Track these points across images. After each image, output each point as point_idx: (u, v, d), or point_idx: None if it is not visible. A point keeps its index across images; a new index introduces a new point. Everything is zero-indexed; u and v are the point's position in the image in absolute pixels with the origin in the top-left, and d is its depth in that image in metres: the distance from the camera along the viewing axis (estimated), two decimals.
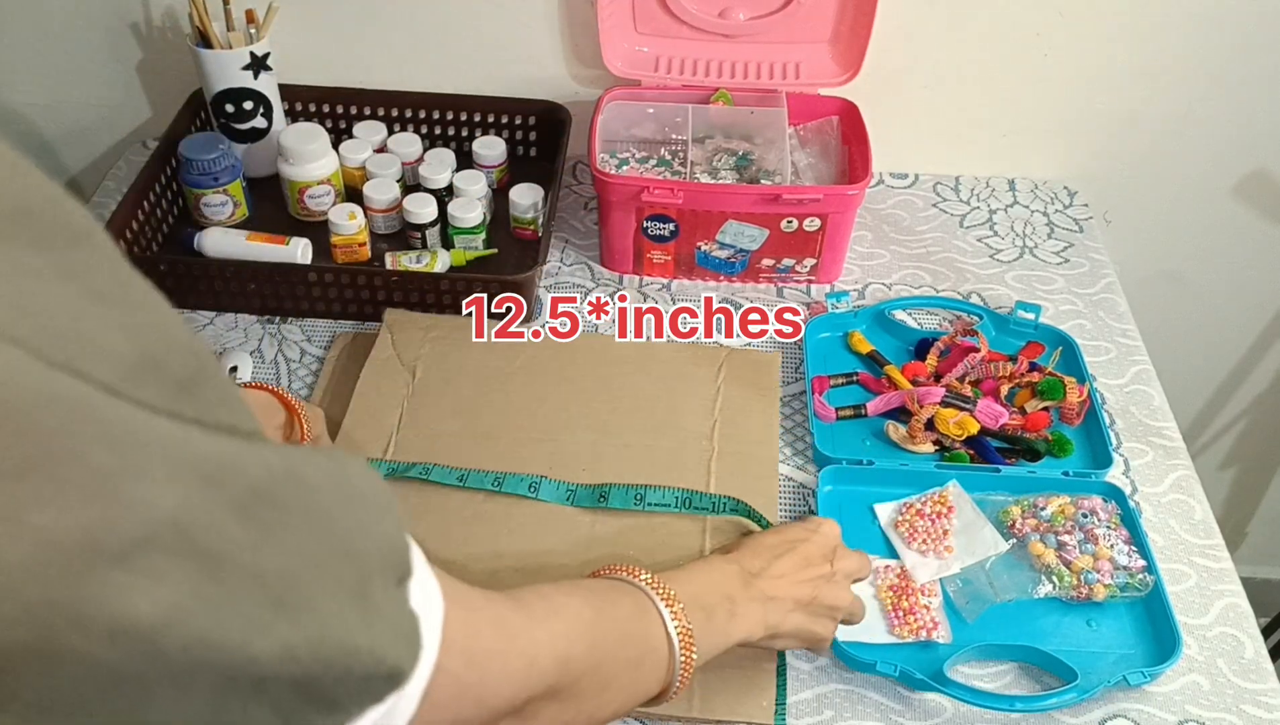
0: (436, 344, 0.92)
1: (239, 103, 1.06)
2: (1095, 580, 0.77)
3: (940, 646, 0.75)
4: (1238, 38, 1.07)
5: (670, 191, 0.96)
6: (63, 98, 1.20)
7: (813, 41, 1.08)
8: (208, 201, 1.04)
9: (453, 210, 1.00)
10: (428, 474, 0.81)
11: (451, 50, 1.13)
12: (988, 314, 0.99)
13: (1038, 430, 0.88)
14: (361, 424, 0.86)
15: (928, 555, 0.80)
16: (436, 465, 0.82)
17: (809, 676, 0.74)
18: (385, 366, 0.90)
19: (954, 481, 0.84)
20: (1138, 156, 1.18)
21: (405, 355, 0.91)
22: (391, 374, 0.90)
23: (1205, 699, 0.73)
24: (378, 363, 0.90)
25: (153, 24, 1.13)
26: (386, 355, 0.91)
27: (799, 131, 1.09)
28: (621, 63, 1.08)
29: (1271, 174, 1.18)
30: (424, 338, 0.92)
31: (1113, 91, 1.12)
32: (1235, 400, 1.42)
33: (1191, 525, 0.85)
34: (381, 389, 0.89)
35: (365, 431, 0.85)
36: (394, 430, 0.85)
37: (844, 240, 1.02)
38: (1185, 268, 1.28)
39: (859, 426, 0.91)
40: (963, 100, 1.14)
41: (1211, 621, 0.78)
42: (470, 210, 1.00)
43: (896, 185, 1.19)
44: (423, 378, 0.89)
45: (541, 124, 1.14)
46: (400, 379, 0.89)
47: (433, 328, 0.93)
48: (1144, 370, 0.98)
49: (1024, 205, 1.17)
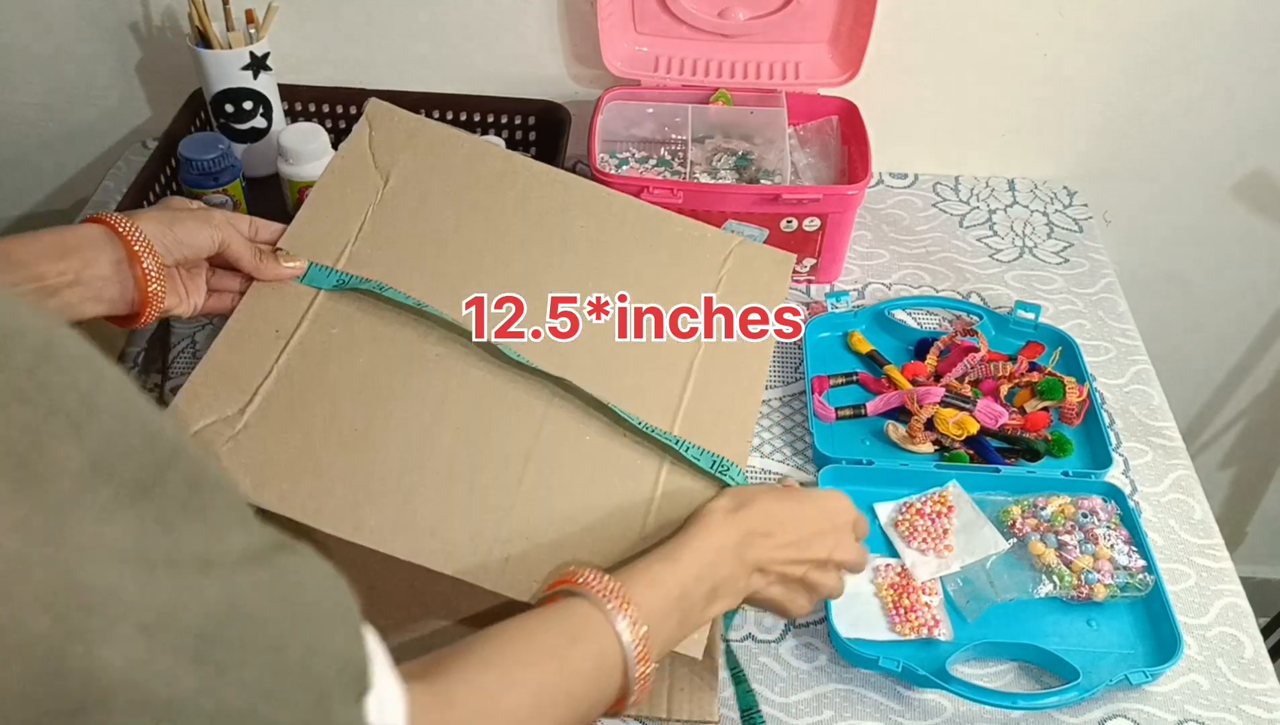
0: (419, 152, 0.80)
1: (239, 103, 1.06)
2: (1096, 580, 0.77)
3: (942, 644, 0.75)
4: (1237, 37, 1.07)
5: (670, 191, 0.96)
6: (63, 98, 1.20)
7: (812, 41, 1.08)
8: (207, 201, 1.04)
9: None
10: (381, 290, 0.71)
11: (451, 50, 1.14)
12: (987, 314, 0.99)
13: (1037, 430, 0.88)
14: (315, 223, 0.75)
15: (928, 554, 0.80)
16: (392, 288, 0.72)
17: (809, 676, 0.74)
18: (355, 164, 0.78)
19: (954, 482, 0.84)
20: (1137, 156, 1.18)
21: (380, 156, 0.79)
22: (361, 174, 0.78)
23: (1205, 698, 0.73)
24: (348, 157, 0.79)
25: (152, 24, 1.13)
26: (360, 150, 0.79)
27: (798, 131, 1.09)
28: (621, 62, 1.08)
29: (1271, 174, 1.18)
30: (406, 141, 0.80)
31: (1112, 91, 1.12)
32: (1235, 400, 1.42)
33: (1191, 525, 0.85)
34: (346, 189, 0.77)
35: (316, 232, 0.74)
36: (351, 240, 0.75)
37: (843, 240, 1.02)
38: (1185, 267, 1.28)
39: (859, 426, 0.91)
40: (962, 100, 1.14)
41: (1211, 621, 0.78)
42: None
43: (896, 185, 1.19)
44: (395, 186, 0.78)
45: (541, 124, 1.14)
46: (369, 182, 0.78)
47: (418, 132, 0.81)
48: (1143, 370, 0.98)
49: (1023, 205, 1.17)
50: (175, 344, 0.96)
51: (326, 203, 0.76)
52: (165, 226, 0.67)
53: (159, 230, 0.67)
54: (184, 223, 0.68)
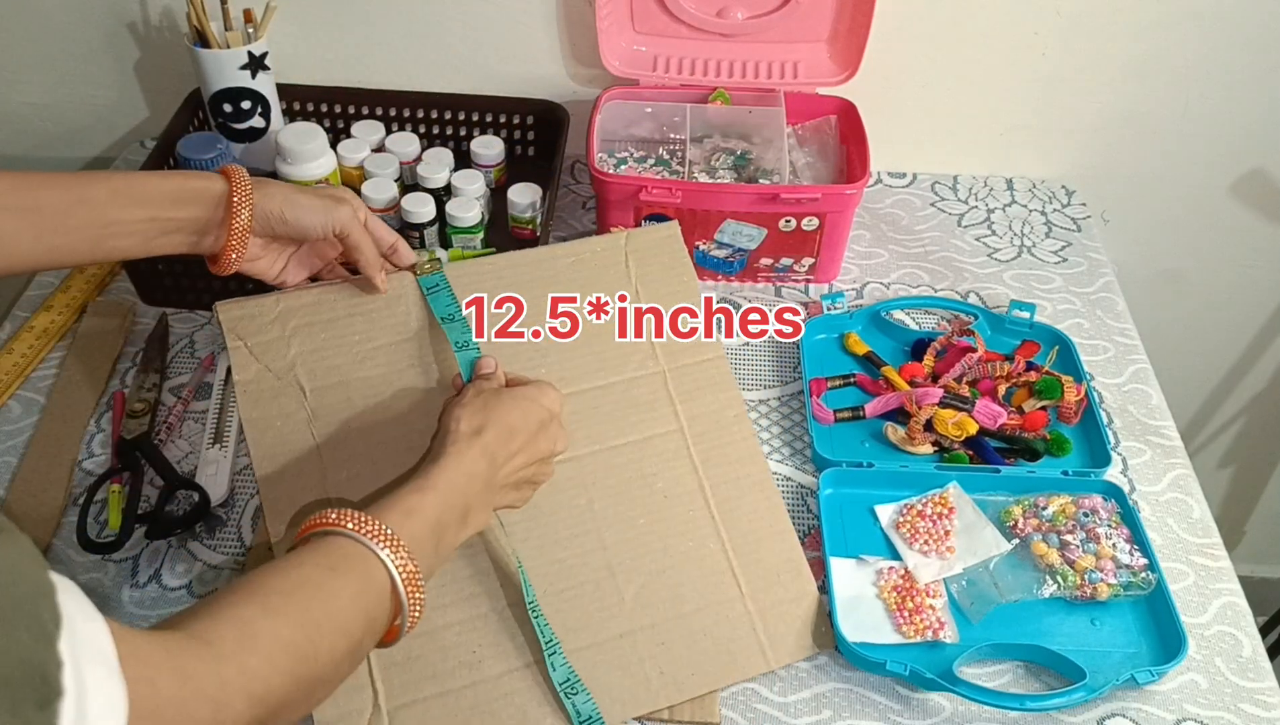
0: (302, 335, 0.77)
1: (237, 102, 1.06)
2: (1099, 579, 0.77)
3: (947, 647, 0.75)
4: (1235, 36, 1.07)
5: (668, 191, 0.96)
6: (61, 97, 1.19)
7: (811, 41, 1.08)
8: None
9: (451, 210, 1.00)
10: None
11: (449, 49, 1.13)
12: (983, 313, 0.99)
13: (1036, 430, 0.88)
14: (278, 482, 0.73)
15: (929, 556, 0.80)
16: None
17: (808, 675, 0.74)
18: (260, 390, 0.75)
19: (954, 483, 0.84)
20: (1135, 156, 1.18)
21: (274, 364, 0.76)
22: (272, 396, 0.75)
23: (1203, 697, 0.73)
24: (248, 388, 0.75)
25: (150, 24, 1.13)
26: (251, 374, 0.75)
27: (797, 131, 1.09)
28: (619, 62, 1.08)
29: (1269, 173, 1.18)
30: (282, 333, 0.77)
31: (1110, 91, 1.12)
32: (1233, 399, 1.42)
33: (1189, 524, 0.85)
34: (273, 421, 0.74)
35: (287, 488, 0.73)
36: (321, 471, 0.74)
37: (842, 239, 1.02)
38: (1183, 266, 1.28)
39: (857, 428, 0.91)
40: (960, 99, 1.14)
41: (1209, 620, 0.78)
42: (468, 210, 1.00)
43: (894, 184, 1.19)
44: (315, 389, 0.76)
45: (540, 123, 1.14)
46: (288, 399, 0.75)
47: (286, 316, 0.77)
48: (1142, 369, 0.98)
49: (1022, 204, 1.17)
50: (174, 344, 0.96)
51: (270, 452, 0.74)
52: (283, 204, 0.72)
53: (274, 206, 0.72)
54: (302, 206, 0.73)
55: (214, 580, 0.79)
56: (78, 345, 0.95)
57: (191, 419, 0.90)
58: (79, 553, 0.79)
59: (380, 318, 0.79)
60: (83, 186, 0.66)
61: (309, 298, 0.78)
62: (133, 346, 0.96)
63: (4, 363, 0.93)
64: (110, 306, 0.99)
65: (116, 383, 0.93)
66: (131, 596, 0.78)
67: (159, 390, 0.92)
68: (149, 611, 0.77)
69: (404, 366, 0.78)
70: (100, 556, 0.79)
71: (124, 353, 0.96)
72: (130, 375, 0.93)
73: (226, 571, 0.80)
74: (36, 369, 0.94)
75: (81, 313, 0.99)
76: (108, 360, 0.94)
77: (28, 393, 0.92)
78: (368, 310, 0.79)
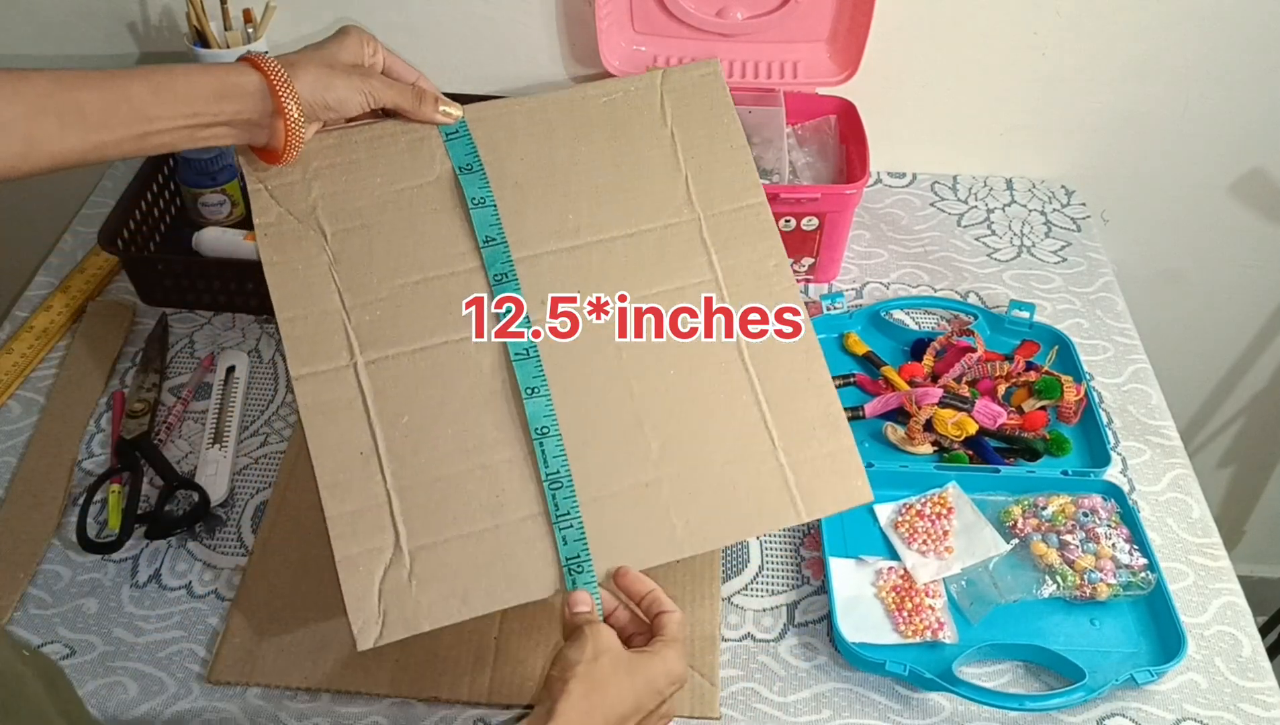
0: (324, 178, 0.75)
1: None
2: (1098, 579, 0.77)
3: (947, 647, 0.75)
4: (1235, 36, 1.07)
5: None
6: None
7: (810, 41, 1.08)
8: (205, 201, 1.04)
9: None
10: None
11: (449, 49, 1.13)
12: (983, 313, 0.99)
13: (1035, 429, 0.88)
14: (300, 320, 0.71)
15: (928, 556, 0.80)
16: None
17: (808, 675, 0.74)
18: (281, 233, 0.73)
19: (953, 483, 0.84)
20: (1135, 155, 1.18)
21: (295, 207, 0.74)
22: (294, 240, 0.73)
23: (1203, 697, 0.73)
24: (269, 231, 0.73)
25: (150, 23, 1.13)
26: (273, 217, 0.74)
27: (796, 131, 1.09)
28: (619, 61, 1.08)
29: (1268, 173, 1.18)
30: (304, 176, 0.75)
31: (1110, 90, 1.12)
32: (1233, 399, 1.42)
33: (1189, 524, 0.85)
34: (295, 265, 0.72)
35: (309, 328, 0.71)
36: (342, 314, 0.72)
37: (842, 239, 1.02)
38: (1183, 266, 1.28)
39: (857, 428, 0.90)
40: (960, 99, 1.14)
41: (1209, 620, 0.78)
42: None
43: (894, 184, 1.19)
44: (336, 232, 0.74)
45: None
46: (309, 243, 0.73)
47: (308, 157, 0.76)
48: (1141, 369, 0.98)
49: (1021, 204, 1.17)
50: (173, 344, 0.96)
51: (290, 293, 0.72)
52: (321, 89, 0.71)
53: (313, 92, 0.70)
54: (338, 88, 0.72)
55: (214, 580, 0.79)
56: (77, 345, 0.95)
57: (191, 419, 0.90)
58: (79, 553, 0.79)
59: (403, 161, 0.77)
60: (123, 84, 0.65)
61: (330, 140, 0.76)
62: (132, 346, 0.96)
63: (4, 363, 0.93)
64: (110, 306, 0.99)
65: (116, 383, 0.93)
66: (131, 596, 0.78)
67: (159, 390, 0.92)
68: (149, 611, 0.77)
69: (427, 211, 0.76)
70: (100, 556, 0.80)
71: (124, 353, 0.96)
72: (130, 375, 0.93)
73: (226, 571, 0.80)
74: (36, 369, 0.94)
75: (81, 313, 0.99)
76: (107, 360, 0.94)
77: (27, 393, 0.92)
78: (390, 153, 0.77)
